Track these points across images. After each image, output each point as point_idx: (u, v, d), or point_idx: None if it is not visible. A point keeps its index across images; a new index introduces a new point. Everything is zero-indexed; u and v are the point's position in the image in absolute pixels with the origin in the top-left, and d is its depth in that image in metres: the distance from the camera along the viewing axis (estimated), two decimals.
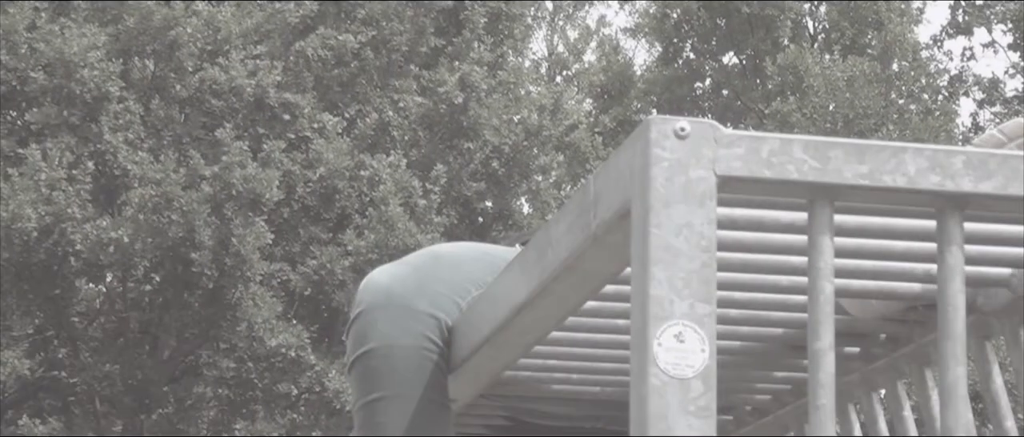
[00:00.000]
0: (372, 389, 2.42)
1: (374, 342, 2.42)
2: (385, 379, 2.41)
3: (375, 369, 2.41)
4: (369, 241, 15.70)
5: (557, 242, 1.95)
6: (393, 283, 2.45)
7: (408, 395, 2.40)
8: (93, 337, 16.80)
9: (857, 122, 23.99)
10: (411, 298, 2.43)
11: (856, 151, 1.69)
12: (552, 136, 17.81)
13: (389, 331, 2.41)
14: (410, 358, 2.41)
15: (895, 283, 2.16)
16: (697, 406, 1.61)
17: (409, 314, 2.42)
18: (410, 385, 2.40)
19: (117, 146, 15.87)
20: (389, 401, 2.40)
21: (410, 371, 2.40)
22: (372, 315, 2.43)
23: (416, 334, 2.41)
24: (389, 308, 2.42)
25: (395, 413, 2.40)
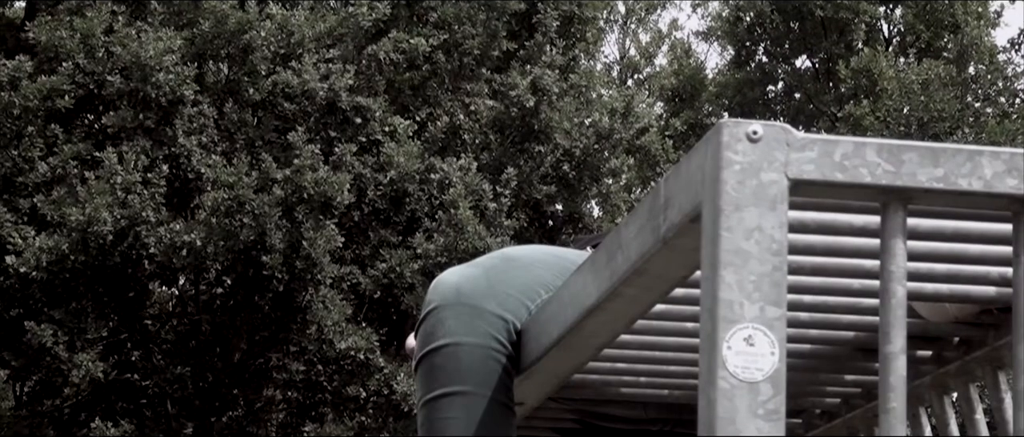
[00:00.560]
0: (437, 385, 2.42)
1: (442, 340, 2.42)
2: (451, 376, 2.41)
3: (441, 366, 2.41)
4: (439, 244, 15.73)
5: (627, 245, 1.95)
6: (463, 283, 2.45)
7: (473, 393, 2.40)
8: (165, 340, 16.92)
9: (931, 126, 23.81)
10: (480, 299, 2.43)
11: (930, 154, 1.68)
12: (623, 139, 17.78)
13: (457, 329, 2.42)
14: (476, 357, 2.41)
15: (969, 286, 2.14)
16: (766, 409, 1.60)
17: (477, 314, 2.42)
18: (475, 383, 2.40)
19: (191, 149, 15.99)
20: (454, 397, 2.40)
21: (476, 369, 2.40)
22: (441, 314, 2.44)
23: (483, 334, 2.42)
24: (458, 307, 2.43)
25: (459, 409, 2.40)
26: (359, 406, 16.40)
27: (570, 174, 17.36)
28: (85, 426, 16.06)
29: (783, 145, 1.66)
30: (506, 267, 2.49)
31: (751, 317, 1.63)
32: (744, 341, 1.62)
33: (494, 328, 2.42)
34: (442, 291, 2.47)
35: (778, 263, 1.63)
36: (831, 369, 2.56)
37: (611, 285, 2.00)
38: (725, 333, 1.62)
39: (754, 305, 1.63)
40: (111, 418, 15.98)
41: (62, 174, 15.86)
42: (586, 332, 2.20)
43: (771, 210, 1.64)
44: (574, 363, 2.39)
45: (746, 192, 1.64)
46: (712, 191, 1.65)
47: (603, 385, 2.66)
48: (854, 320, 2.35)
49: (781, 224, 1.64)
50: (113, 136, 16.14)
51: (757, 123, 1.67)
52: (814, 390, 2.71)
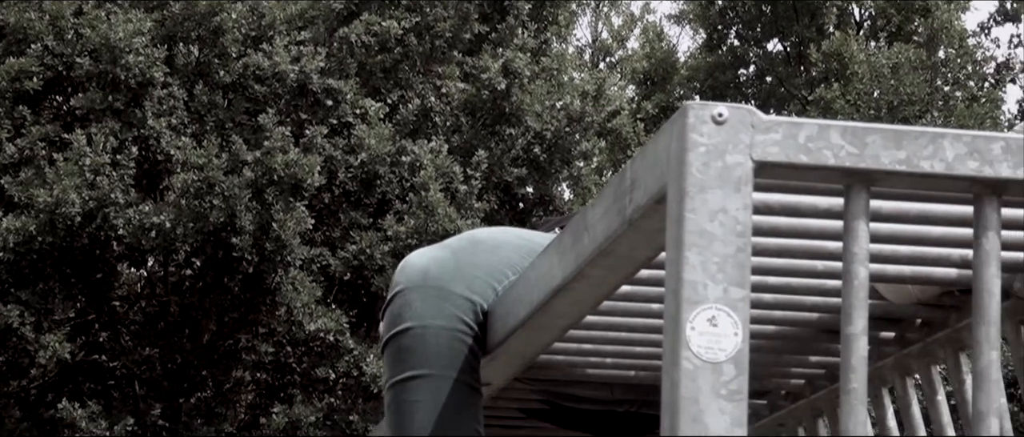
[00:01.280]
0: (404, 367, 2.43)
1: (408, 322, 2.43)
2: (418, 358, 2.42)
3: (408, 348, 2.42)
4: (409, 226, 15.73)
5: (593, 227, 1.96)
6: (430, 265, 2.46)
7: (439, 375, 2.41)
8: (134, 321, 16.89)
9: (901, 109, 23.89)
10: (447, 281, 2.44)
11: (893, 136, 1.69)
12: (594, 122, 17.79)
13: (424, 311, 2.42)
14: (442, 339, 2.42)
15: (931, 268, 2.16)
16: (729, 390, 1.62)
17: (444, 296, 2.43)
18: (442, 366, 2.41)
19: (160, 131, 15.94)
20: (421, 380, 2.41)
21: (443, 351, 2.41)
22: (408, 296, 2.44)
23: (450, 316, 2.42)
24: (425, 289, 2.44)
25: (425, 392, 2.41)
26: (328, 388, 16.40)
27: (541, 157, 17.38)
28: (52, 407, 16.02)
29: (748, 127, 1.67)
30: (473, 249, 2.49)
31: (715, 298, 1.64)
32: (708, 322, 1.64)
33: (461, 310, 2.43)
34: (409, 273, 2.47)
35: (742, 244, 1.65)
36: (796, 350, 2.58)
37: (577, 266, 2.02)
38: (689, 314, 1.63)
39: (718, 286, 1.64)
40: (78, 399, 15.95)
41: (30, 155, 15.81)
42: (552, 313, 2.21)
43: (736, 192, 1.65)
44: (540, 344, 2.40)
45: (711, 174, 1.65)
46: (677, 173, 1.67)
47: (570, 366, 2.68)
48: (818, 301, 2.37)
49: (746, 206, 1.65)
50: (82, 118, 16.09)
51: (722, 105, 1.68)
52: (779, 371, 2.73)
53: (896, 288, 2.35)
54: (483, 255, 2.48)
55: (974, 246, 1.70)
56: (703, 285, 1.64)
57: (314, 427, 15.75)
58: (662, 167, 1.71)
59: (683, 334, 1.62)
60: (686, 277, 1.64)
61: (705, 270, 1.64)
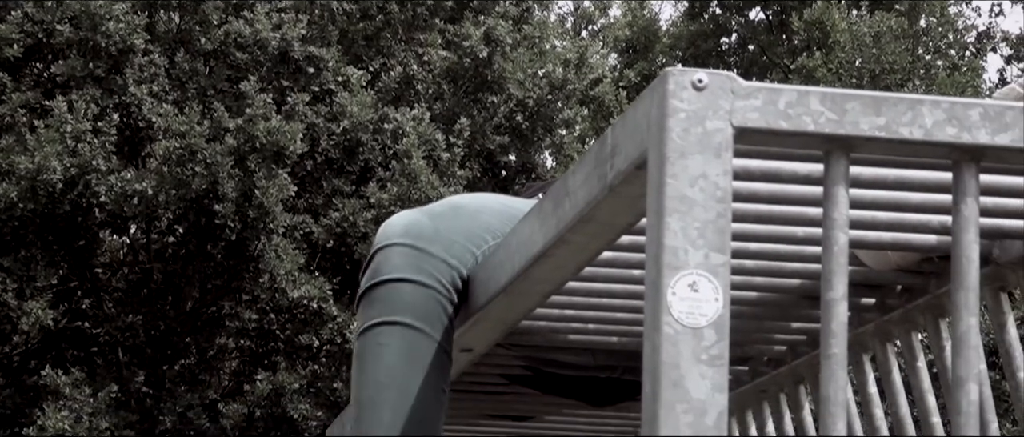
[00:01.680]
0: (377, 314, 2.43)
1: (385, 275, 2.43)
2: (392, 307, 2.41)
3: (382, 298, 2.42)
4: (392, 194, 15.72)
5: (574, 192, 1.96)
6: (410, 226, 2.46)
7: (412, 326, 2.40)
8: (116, 288, 16.87)
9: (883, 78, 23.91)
10: (427, 242, 2.44)
11: (873, 103, 1.70)
12: (576, 90, 17.78)
13: (402, 267, 2.42)
14: (419, 295, 2.42)
15: (911, 235, 2.17)
16: (710, 355, 1.62)
17: (424, 256, 2.43)
18: (415, 317, 2.41)
19: (142, 98, 15.90)
20: (393, 326, 2.40)
21: (418, 306, 2.41)
22: (387, 252, 2.45)
23: (428, 275, 2.43)
24: (404, 248, 2.44)
25: (395, 337, 2.40)
26: (312, 355, 16.42)
27: (523, 125, 17.37)
28: (35, 374, 16.02)
29: (728, 93, 1.68)
30: (454, 214, 2.50)
31: (696, 263, 1.65)
32: (689, 287, 1.64)
33: (439, 272, 2.43)
34: (389, 232, 2.48)
35: (722, 210, 1.65)
36: (777, 316, 2.59)
37: (558, 232, 2.02)
38: (670, 279, 1.64)
39: (698, 251, 1.65)
40: (62, 366, 15.95)
41: (11, 123, 15.77)
42: (533, 279, 2.22)
43: (716, 158, 1.66)
44: (522, 310, 2.41)
45: (691, 140, 1.66)
46: (658, 139, 1.67)
47: (551, 332, 2.69)
48: (799, 268, 2.38)
49: (726, 171, 1.66)
50: (62, 85, 16.04)
51: (702, 71, 1.69)
52: (761, 337, 2.74)
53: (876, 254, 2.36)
54: (464, 220, 2.49)
55: (953, 212, 1.71)
56: (684, 251, 1.64)
57: (298, 394, 15.77)
58: (642, 133, 1.72)
59: (664, 299, 1.63)
60: (667, 243, 1.64)
61: (686, 236, 1.64)
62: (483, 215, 2.51)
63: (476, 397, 3.11)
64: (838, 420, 1.66)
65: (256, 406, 15.91)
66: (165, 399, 16.18)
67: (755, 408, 2.99)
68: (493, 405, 3.17)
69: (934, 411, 2.43)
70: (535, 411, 3.23)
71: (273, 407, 15.80)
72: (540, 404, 3.13)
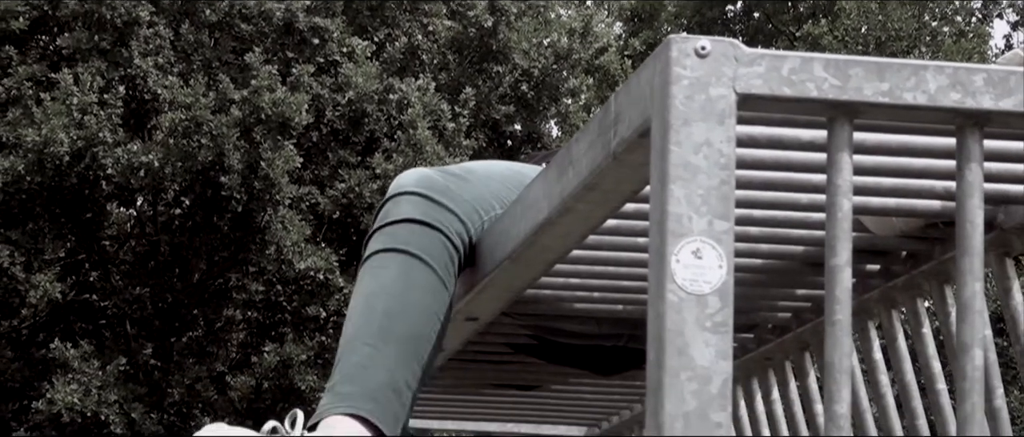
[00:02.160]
0: (380, 245, 2.41)
1: (394, 218, 2.42)
2: (395, 239, 2.39)
3: (389, 233, 2.41)
4: (398, 164, 15.72)
5: (578, 160, 1.96)
6: (422, 179, 2.46)
7: (415, 255, 2.38)
8: (124, 260, 16.90)
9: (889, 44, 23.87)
10: (438, 194, 2.44)
11: (876, 69, 1.70)
12: (581, 59, 17.76)
13: (411, 211, 2.42)
14: (427, 234, 2.41)
15: (915, 200, 2.17)
16: (714, 322, 1.63)
17: (433, 205, 2.43)
18: (419, 249, 2.39)
19: (147, 70, 15.90)
20: (394, 253, 2.38)
21: (424, 243, 2.40)
22: (398, 199, 2.44)
23: (437, 221, 2.42)
24: (416, 197, 2.43)
25: (396, 261, 2.38)
26: (319, 326, 16.44)
27: (529, 94, 17.36)
28: (44, 347, 16.05)
29: (731, 60, 1.68)
30: (466, 176, 2.50)
31: (699, 231, 1.65)
32: (692, 254, 1.64)
33: (448, 220, 2.43)
34: (402, 182, 2.48)
35: (726, 177, 1.65)
36: (782, 284, 2.59)
37: (562, 200, 2.02)
38: (673, 247, 1.64)
39: (702, 219, 1.65)
40: (70, 339, 15.98)
41: (17, 96, 15.77)
42: (538, 247, 2.22)
43: (719, 125, 1.66)
44: (527, 278, 2.41)
45: (694, 107, 1.66)
46: (661, 106, 1.67)
47: (557, 300, 2.69)
48: (803, 234, 2.38)
49: (729, 138, 1.66)
50: (68, 57, 16.04)
51: (705, 38, 1.69)
52: (766, 305, 2.74)
53: (880, 220, 2.36)
54: (475, 184, 2.49)
55: (957, 178, 1.71)
56: (687, 218, 1.64)
57: (305, 365, 15.80)
58: (646, 101, 1.72)
59: (668, 267, 1.63)
60: (670, 210, 1.64)
61: (689, 203, 1.65)
62: (492, 182, 2.51)
63: (481, 366, 3.12)
64: (842, 387, 1.66)
65: (264, 378, 15.95)
66: (173, 372, 16.22)
67: (760, 376, 2.99)
68: (498, 374, 3.17)
69: (940, 377, 2.44)
70: (541, 380, 3.24)
71: (280, 379, 15.84)
72: (545, 373, 3.13)
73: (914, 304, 2.50)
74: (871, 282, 2.53)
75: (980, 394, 1.67)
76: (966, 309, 1.68)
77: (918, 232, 2.36)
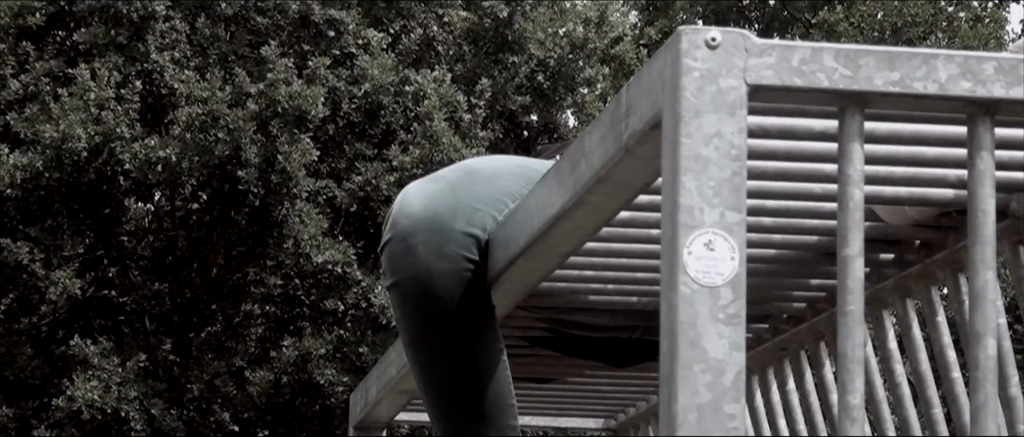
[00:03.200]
0: (414, 321, 2.42)
1: (412, 269, 2.42)
2: (426, 309, 2.40)
3: (415, 298, 2.41)
4: (414, 156, 15.72)
5: (590, 153, 1.97)
6: (428, 203, 2.44)
7: (455, 320, 2.41)
8: (142, 256, 16.93)
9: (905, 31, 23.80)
10: (447, 218, 2.43)
11: (887, 58, 1.70)
12: (597, 49, 17.74)
13: (427, 256, 2.41)
14: (449, 281, 2.41)
15: (928, 189, 2.17)
16: (726, 314, 1.63)
17: (446, 237, 2.42)
18: (454, 309, 2.41)
19: (164, 65, 15.92)
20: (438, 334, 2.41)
21: (450, 295, 2.41)
22: (409, 241, 2.43)
23: (454, 257, 2.41)
24: (426, 233, 2.42)
25: (443, 344, 2.41)
26: (337, 320, 16.46)
27: (545, 84, 17.35)
28: (63, 343, 16.09)
29: (742, 51, 1.68)
30: (470, 179, 2.49)
31: (711, 222, 1.65)
32: (704, 246, 1.65)
33: (463, 247, 2.43)
34: (408, 212, 2.45)
35: (737, 168, 1.65)
36: (796, 274, 2.59)
37: (575, 193, 2.03)
38: (686, 239, 1.64)
39: (714, 210, 1.65)
40: (89, 335, 16.02)
41: (35, 91, 15.80)
42: (552, 240, 2.22)
43: (730, 116, 1.66)
44: (541, 272, 2.41)
45: (705, 98, 1.66)
46: (672, 98, 1.67)
47: (571, 293, 2.69)
48: (816, 224, 2.38)
49: (740, 130, 1.66)
50: (85, 53, 16.07)
51: (716, 30, 1.69)
52: (780, 295, 2.74)
53: (894, 210, 2.36)
54: (481, 186, 2.48)
55: (968, 166, 1.71)
56: (699, 210, 1.65)
57: (324, 360, 15.82)
58: (657, 93, 1.72)
59: (680, 259, 1.63)
60: (682, 202, 1.64)
61: (701, 195, 1.65)
62: (500, 179, 2.50)
63: None
64: (856, 377, 1.66)
65: (283, 372, 15.97)
66: (192, 367, 16.25)
67: (776, 366, 2.99)
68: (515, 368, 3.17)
69: (954, 366, 2.43)
70: (557, 373, 3.24)
71: (299, 373, 15.86)
72: (562, 366, 3.14)
73: (928, 293, 2.49)
74: (885, 271, 2.52)
75: (994, 382, 1.67)
76: (979, 298, 1.68)
77: (931, 221, 2.36)
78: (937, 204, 2.19)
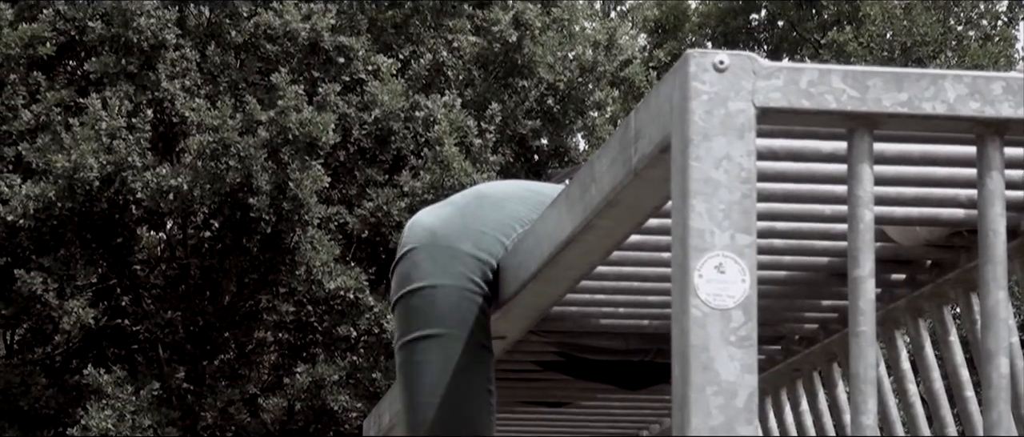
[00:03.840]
0: (414, 328, 2.44)
1: (417, 282, 2.44)
2: (426, 318, 2.42)
3: (417, 308, 2.43)
4: (425, 182, 15.74)
5: (600, 177, 1.97)
6: (437, 224, 2.46)
7: (449, 334, 2.42)
8: (155, 285, 16.94)
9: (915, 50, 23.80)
10: (455, 239, 2.44)
11: (895, 79, 1.70)
12: (606, 72, 17.75)
13: (433, 271, 2.43)
14: (452, 298, 2.42)
15: (938, 209, 2.17)
16: (738, 336, 1.63)
17: (453, 255, 2.43)
18: (451, 324, 2.42)
19: (174, 93, 15.95)
20: (430, 340, 2.42)
21: (452, 311, 2.42)
22: (416, 256, 2.45)
23: (459, 275, 2.43)
24: (433, 248, 2.44)
25: (435, 351, 2.42)
26: (350, 346, 16.46)
27: (555, 108, 17.36)
28: (77, 373, 16.10)
29: (749, 74, 1.68)
30: (479, 204, 2.50)
31: (722, 245, 1.65)
32: (715, 269, 1.65)
33: (470, 269, 2.44)
34: (417, 232, 2.47)
35: (747, 191, 1.65)
36: (807, 295, 2.59)
37: (585, 217, 2.03)
38: (696, 262, 1.64)
39: (724, 233, 1.65)
40: (103, 364, 16.03)
41: (46, 121, 15.84)
42: (563, 264, 2.23)
43: (739, 138, 1.66)
44: (553, 296, 2.42)
45: (714, 121, 1.66)
46: (680, 121, 1.67)
47: (583, 317, 2.69)
48: (827, 245, 2.38)
49: (749, 152, 1.66)
50: (96, 82, 16.10)
51: (724, 53, 1.69)
52: (792, 316, 2.74)
53: (905, 230, 2.36)
54: (490, 210, 2.49)
55: (978, 186, 1.71)
56: (710, 232, 1.65)
57: (337, 385, 15.81)
58: (665, 116, 1.72)
59: (691, 282, 1.63)
60: (692, 225, 1.65)
61: (711, 217, 1.65)
62: (509, 203, 2.51)
63: (511, 385, 3.12)
64: (868, 397, 1.66)
65: (296, 399, 15.97)
66: (206, 395, 16.25)
67: (789, 387, 2.99)
68: (528, 392, 3.18)
69: (968, 385, 2.43)
70: (569, 397, 3.24)
71: (313, 399, 15.85)
72: (574, 390, 3.13)
73: (941, 312, 2.49)
74: (897, 291, 2.52)
75: (1007, 401, 1.67)
76: (991, 317, 1.68)
77: (943, 241, 2.36)
78: (948, 224, 2.19)
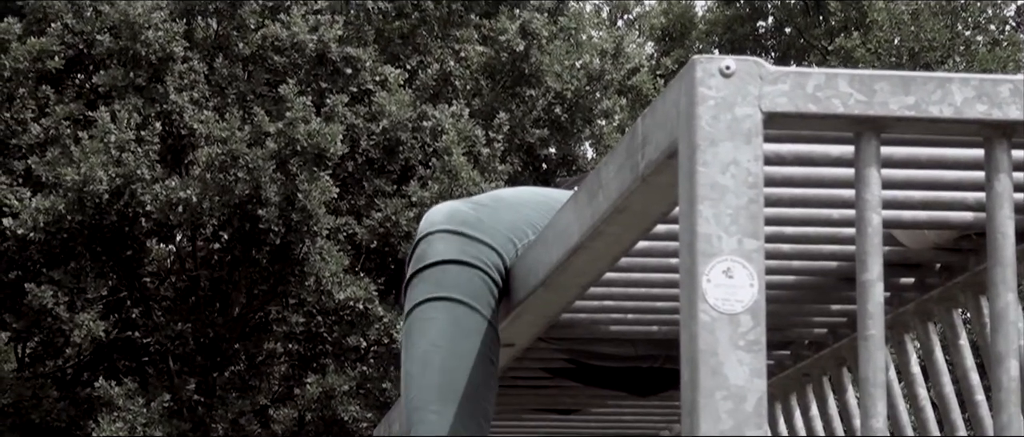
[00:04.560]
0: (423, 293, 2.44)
1: (431, 260, 2.45)
2: (438, 286, 2.43)
3: (428, 279, 2.44)
4: (433, 191, 15.74)
5: (607, 184, 1.97)
6: (454, 214, 2.49)
7: (457, 299, 2.42)
8: (165, 297, 16.95)
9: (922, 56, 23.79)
10: (471, 228, 2.46)
11: (901, 83, 1.70)
12: (614, 80, 17.76)
13: (446, 251, 2.45)
14: (464, 274, 2.43)
15: (947, 212, 2.17)
16: (747, 341, 1.63)
17: (467, 241, 2.45)
18: (461, 292, 2.42)
19: (183, 106, 15.97)
20: (437, 302, 2.42)
21: (462, 283, 2.43)
22: (431, 239, 2.47)
23: (472, 256, 2.44)
24: (448, 235, 2.46)
25: (441, 311, 2.41)
26: (360, 356, 16.46)
27: (562, 117, 17.37)
28: (88, 385, 16.12)
29: (756, 79, 1.68)
30: (495, 205, 2.52)
31: (729, 250, 1.65)
32: (723, 274, 1.65)
33: (483, 253, 2.45)
34: (433, 220, 2.50)
35: (754, 196, 1.66)
36: (816, 300, 2.59)
37: (593, 224, 2.03)
38: (704, 267, 1.64)
39: (732, 238, 1.65)
40: (114, 377, 16.04)
41: (55, 135, 15.86)
42: (571, 271, 2.23)
43: (746, 143, 1.66)
44: (561, 303, 2.42)
45: (721, 127, 1.66)
46: (687, 127, 1.68)
47: (592, 324, 2.69)
48: (836, 250, 2.38)
49: (756, 157, 1.66)
50: (105, 95, 16.13)
51: (730, 58, 1.69)
52: (801, 321, 2.74)
53: (913, 234, 2.36)
54: (506, 212, 2.50)
55: (986, 189, 1.71)
56: (717, 237, 1.65)
57: (348, 396, 15.82)
58: (672, 122, 1.72)
59: (699, 287, 1.63)
60: (700, 230, 1.65)
61: (719, 223, 1.65)
62: (523, 208, 2.52)
63: (520, 392, 3.12)
64: (878, 402, 1.66)
65: (306, 410, 15.97)
66: (216, 406, 16.25)
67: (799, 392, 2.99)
68: (537, 399, 3.18)
69: (978, 389, 2.43)
70: (579, 403, 3.24)
71: (324, 410, 15.85)
72: (583, 396, 3.13)
73: (950, 316, 2.49)
74: (906, 295, 2.52)
75: (1016, 404, 1.67)
76: (1000, 320, 1.68)
77: (951, 244, 2.36)
78: (956, 227, 2.19)
